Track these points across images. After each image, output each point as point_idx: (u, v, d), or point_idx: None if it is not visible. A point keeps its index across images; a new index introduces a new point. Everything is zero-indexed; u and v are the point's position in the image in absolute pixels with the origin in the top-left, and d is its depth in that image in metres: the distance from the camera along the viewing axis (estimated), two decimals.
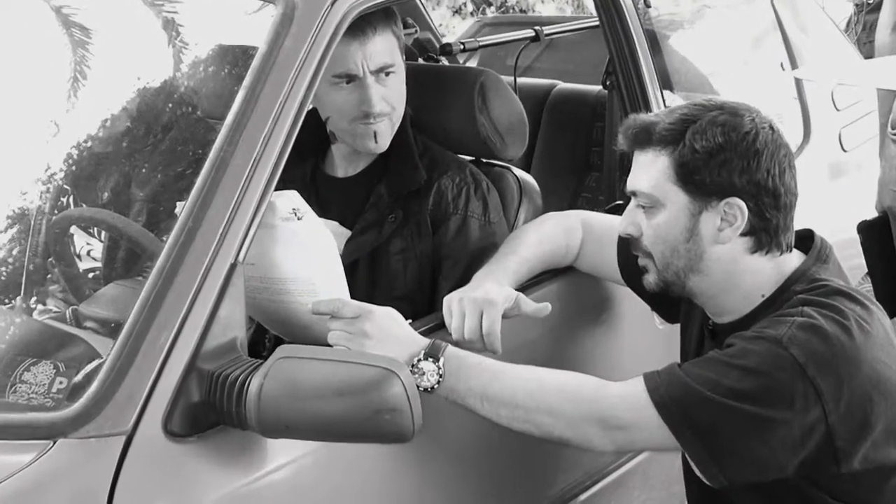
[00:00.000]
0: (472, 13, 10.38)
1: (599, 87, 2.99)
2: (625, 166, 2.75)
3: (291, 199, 1.79)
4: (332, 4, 1.84)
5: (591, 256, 2.20)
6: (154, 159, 2.23)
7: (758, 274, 1.86)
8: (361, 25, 2.09)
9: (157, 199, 2.18)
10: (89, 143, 2.35)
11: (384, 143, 2.21)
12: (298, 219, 1.78)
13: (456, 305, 1.92)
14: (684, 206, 1.83)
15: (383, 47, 2.15)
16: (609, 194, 2.96)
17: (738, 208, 1.81)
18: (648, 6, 2.59)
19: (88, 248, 2.24)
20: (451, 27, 9.69)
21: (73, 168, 2.33)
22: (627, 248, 2.10)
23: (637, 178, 1.88)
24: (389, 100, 2.18)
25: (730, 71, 3.08)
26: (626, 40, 2.49)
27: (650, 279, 1.92)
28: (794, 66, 3.21)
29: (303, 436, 1.56)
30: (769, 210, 1.82)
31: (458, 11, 10.66)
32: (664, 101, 2.51)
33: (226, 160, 1.68)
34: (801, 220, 1.90)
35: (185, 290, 1.59)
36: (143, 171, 2.29)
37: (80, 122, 2.40)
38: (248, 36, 2.11)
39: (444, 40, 3.76)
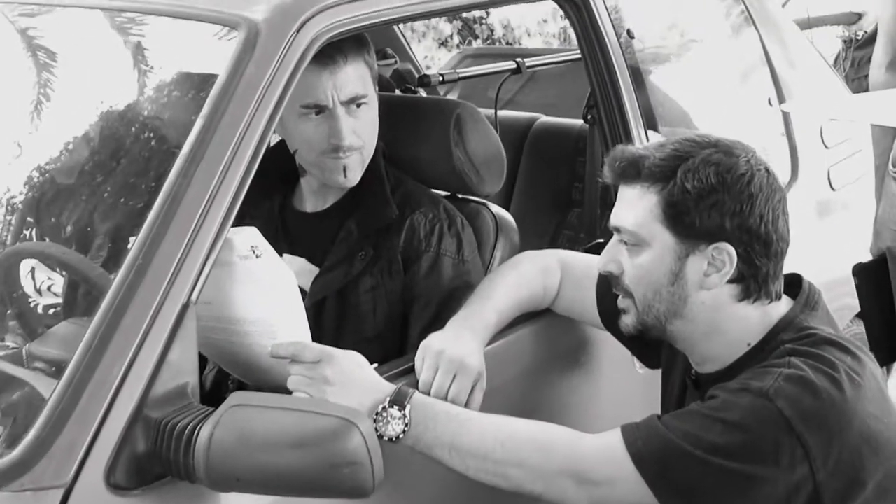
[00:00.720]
0: (458, 45, 10.35)
1: (582, 122, 2.92)
2: (608, 202, 2.70)
3: (250, 236, 1.72)
4: (298, 31, 1.78)
5: (569, 299, 2.12)
6: (114, 190, 2.14)
7: (744, 322, 1.78)
8: (332, 54, 2.03)
9: (116, 234, 2.09)
10: (52, 172, 2.26)
11: (354, 178, 2.13)
12: (257, 257, 1.71)
13: (431, 358, 1.84)
14: (670, 248, 1.75)
15: (354, 77, 2.08)
16: (590, 232, 2.89)
17: (727, 254, 1.73)
18: (632, 37, 2.53)
19: (49, 284, 2.15)
20: (437, 59, 9.65)
21: (35, 197, 2.25)
22: (608, 290, 2.03)
23: (622, 213, 1.79)
24: (360, 133, 2.10)
25: (716, 106, 3.01)
26: (609, 72, 2.42)
27: (628, 321, 1.84)
28: (781, 100, 3.15)
29: (255, 490, 1.48)
30: (759, 258, 1.74)
31: (444, 43, 10.63)
32: (647, 136, 2.44)
33: (180, 194, 1.61)
34: (788, 259, 1.82)
35: (133, 332, 1.52)
36: (106, 202, 2.21)
37: (42, 148, 2.31)
38: (214, 63, 2.03)
39: (430, 72, 3.69)
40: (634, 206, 1.76)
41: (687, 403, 1.87)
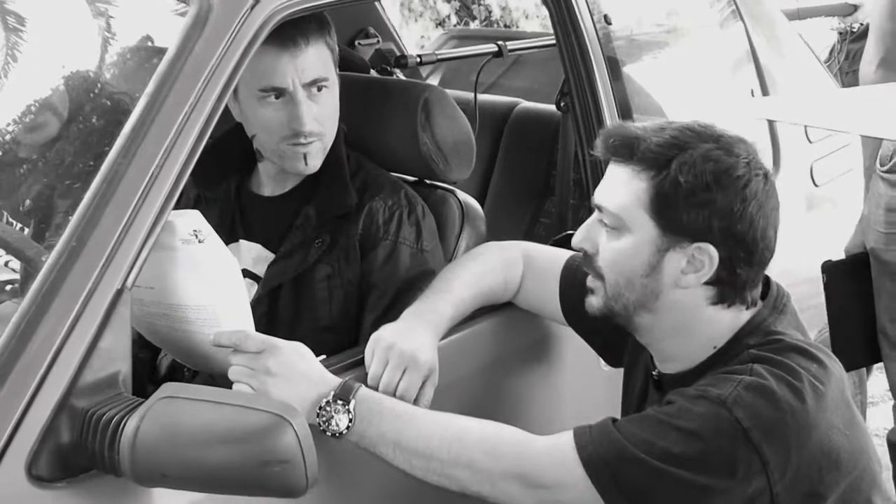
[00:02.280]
0: (455, 26, 10.26)
1: None
2: (584, 192, 2.64)
3: (192, 220, 1.66)
4: (252, 8, 1.71)
5: (531, 292, 2.06)
6: (60, 166, 2.08)
7: (713, 324, 1.72)
8: (293, 35, 1.97)
9: (64, 213, 2.04)
10: (8, 142, 2.20)
11: (315, 165, 2.08)
12: (200, 241, 1.65)
13: (381, 351, 1.78)
14: (651, 239, 1.68)
15: (316, 60, 2.02)
16: (560, 222, 2.83)
17: (709, 256, 1.66)
18: (609, 23, 2.46)
19: (7, 260, 2.10)
20: (434, 39, 9.55)
21: None
22: (571, 285, 1.97)
23: (606, 192, 1.72)
24: (321, 119, 2.05)
25: (696, 97, 2.95)
26: (583, 59, 2.36)
27: (594, 303, 1.77)
28: (765, 93, 3.09)
29: (182, 486, 1.43)
30: (741, 265, 1.68)
31: (441, 24, 10.54)
32: None
33: (119, 173, 1.55)
34: None
35: (63, 317, 1.46)
36: (54, 178, 2.15)
37: (3, 116, 2.25)
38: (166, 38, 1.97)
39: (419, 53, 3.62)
40: (621, 188, 1.70)
41: (648, 404, 1.82)
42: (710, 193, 1.63)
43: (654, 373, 1.83)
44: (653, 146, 1.67)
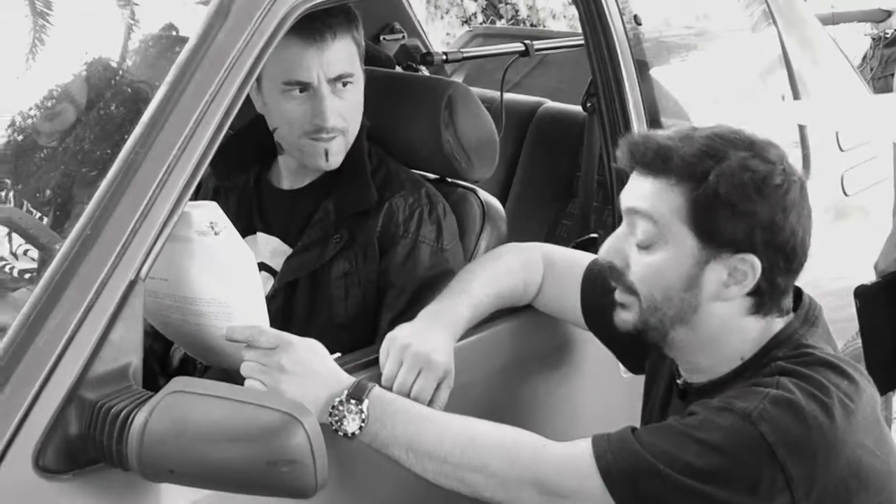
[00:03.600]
0: (482, 24, 10.25)
1: None
2: (608, 195, 2.62)
3: (209, 212, 1.65)
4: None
5: (551, 295, 2.04)
6: (80, 154, 2.08)
7: (744, 334, 1.69)
8: (320, 29, 1.96)
9: (74, 204, 2.04)
10: (29, 129, 2.20)
11: (336, 162, 2.07)
12: (216, 234, 1.63)
13: (396, 351, 1.77)
14: (690, 252, 1.64)
15: (342, 55, 2.01)
16: (583, 225, 2.81)
17: (751, 266, 1.63)
18: (639, 23, 2.44)
19: (26, 248, 2.09)
20: (459, 37, 9.54)
21: (13, 153, 2.19)
22: (593, 289, 1.95)
23: (640, 204, 1.67)
24: (345, 114, 2.04)
25: (726, 101, 2.92)
26: (611, 59, 2.34)
27: (627, 318, 1.73)
28: (796, 98, 3.06)
29: (189, 482, 1.42)
30: (781, 274, 1.65)
31: (467, 21, 10.53)
32: (648, 129, 2.36)
33: (136, 162, 1.54)
34: None
35: (74, 307, 1.45)
36: (73, 167, 2.15)
37: (20, 101, 2.25)
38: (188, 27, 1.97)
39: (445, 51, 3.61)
40: (656, 200, 1.65)
41: (670, 413, 1.79)
42: (751, 204, 1.60)
43: (678, 381, 1.80)
44: (687, 157, 1.63)
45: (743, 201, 1.60)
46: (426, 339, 1.78)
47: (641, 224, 1.67)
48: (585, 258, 2.03)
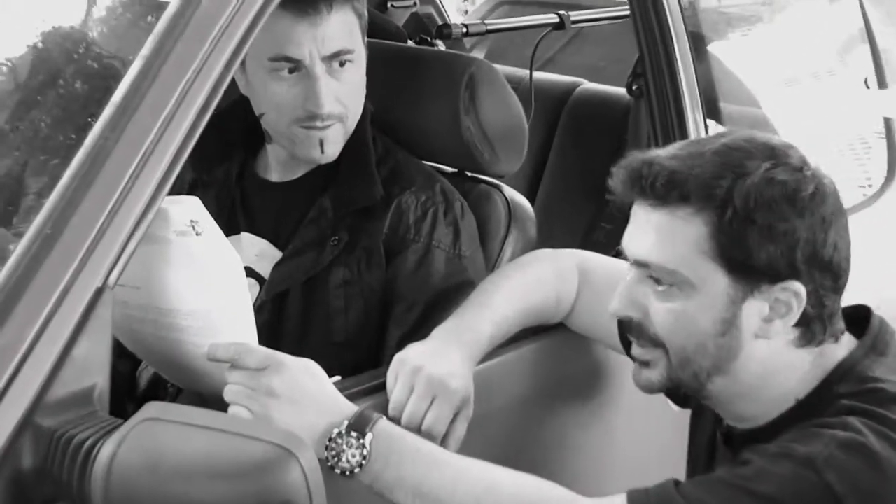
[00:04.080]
0: None
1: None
2: None
3: (190, 209, 1.67)
4: None
5: (586, 313, 2.05)
6: (35, 138, 2.10)
7: (794, 372, 1.70)
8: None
9: (39, 194, 2.05)
10: None
11: (333, 153, 2.10)
12: (197, 234, 1.66)
13: (406, 375, 1.78)
14: (723, 292, 1.64)
15: (340, 29, 2.03)
16: (625, 229, 2.81)
17: (794, 294, 1.63)
18: None
19: None
20: (478, 3, 9.58)
21: None
22: None
23: (651, 245, 1.68)
24: (343, 98, 2.06)
25: (797, 85, 2.94)
26: (662, 35, 2.36)
27: (653, 377, 1.75)
28: (882, 82, 3.08)
29: None
30: (828, 294, 1.65)
31: None
32: (704, 116, 2.38)
33: (105, 150, 1.54)
34: (870, 281, 1.74)
35: (31, 319, 1.45)
36: (28, 153, 2.16)
37: None
38: None
39: (460, 21, 3.63)
40: (672, 237, 1.66)
41: (717, 461, 1.82)
42: (787, 222, 1.60)
43: (722, 426, 1.82)
44: (702, 178, 1.62)
45: (778, 221, 1.60)
46: (441, 362, 1.79)
47: (660, 267, 1.68)
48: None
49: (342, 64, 2.03)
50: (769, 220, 1.60)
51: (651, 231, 1.68)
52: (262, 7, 1.69)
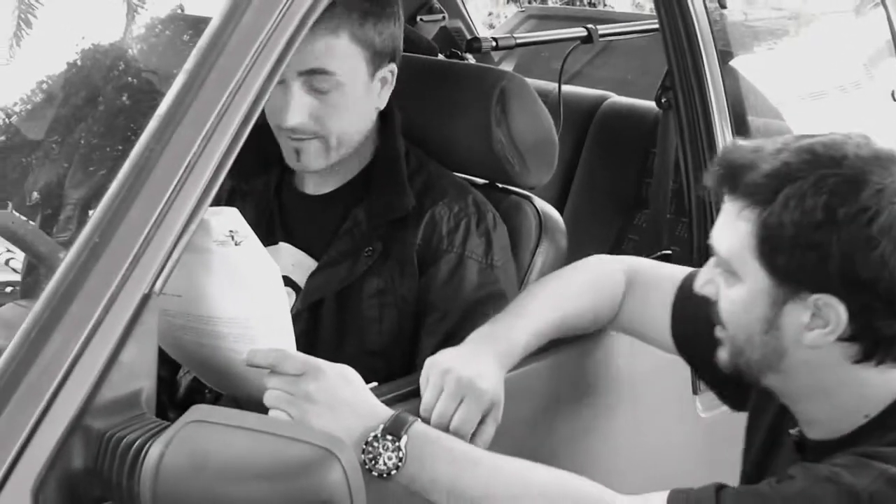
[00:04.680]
0: (529, 1, 10.31)
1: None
2: (682, 206, 2.68)
3: (229, 219, 1.71)
4: None
5: (632, 314, 2.07)
6: (81, 151, 2.16)
7: (860, 387, 1.69)
8: None
9: (83, 205, 2.10)
10: (17, 122, 2.28)
11: (311, 165, 2.13)
12: (236, 244, 1.70)
13: (437, 376, 1.81)
14: (765, 290, 1.66)
15: (322, 49, 2.03)
16: (654, 241, 2.86)
17: (833, 309, 1.61)
18: (724, 6, 2.51)
19: (8, 257, 2.17)
20: (504, 17, 9.63)
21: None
22: (685, 312, 1.99)
23: (717, 233, 1.72)
24: (322, 118, 2.07)
25: (824, 98, 2.97)
26: (691, 48, 2.40)
27: (721, 356, 1.79)
28: None
29: None
30: (881, 318, 1.61)
31: None
32: (732, 128, 2.42)
33: (151, 162, 1.59)
34: None
35: (81, 324, 1.50)
36: (74, 165, 2.22)
37: (8, 89, 2.33)
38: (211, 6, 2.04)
39: (486, 34, 3.68)
40: (728, 228, 1.69)
41: (777, 465, 1.82)
42: (820, 233, 1.58)
43: (792, 431, 1.82)
44: (759, 177, 1.63)
45: (810, 230, 1.58)
46: (471, 364, 1.82)
47: (719, 255, 1.72)
48: (679, 272, 2.06)
49: (321, 87, 2.04)
50: (801, 228, 1.59)
51: (720, 218, 1.72)
52: (301, 23, 1.73)
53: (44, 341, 1.49)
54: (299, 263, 2.18)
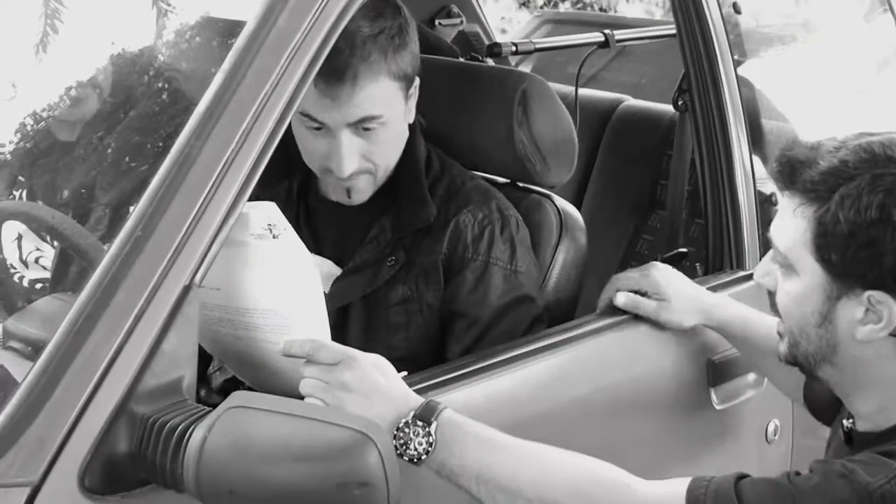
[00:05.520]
0: (541, 7, 10.37)
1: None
2: (696, 207, 2.71)
3: (267, 212, 1.74)
4: None
5: None
6: (119, 149, 2.19)
7: None
8: (339, 69, 1.97)
9: (118, 201, 2.14)
10: (50, 122, 2.31)
11: (361, 199, 2.16)
12: (274, 237, 1.73)
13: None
14: (820, 284, 1.70)
15: (366, 99, 2.03)
16: (671, 241, 2.89)
17: (887, 306, 1.66)
18: (738, 12, 2.55)
19: (38, 255, 2.20)
20: (516, 22, 9.68)
21: (29, 150, 2.30)
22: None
23: (776, 226, 1.77)
24: (371, 155, 2.10)
25: (835, 102, 3.01)
26: (707, 52, 2.44)
27: (781, 348, 1.83)
28: None
29: None
30: None
31: (524, 4, 10.66)
32: (747, 131, 2.46)
33: (191, 157, 1.63)
34: None
35: (125, 314, 1.54)
36: (108, 163, 2.25)
37: (42, 92, 2.36)
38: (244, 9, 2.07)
39: (505, 39, 3.71)
40: (786, 223, 1.73)
41: (828, 452, 1.89)
42: (874, 231, 1.62)
43: (845, 422, 1.86)
44: (815, 175, 1.67)
45: (865, 228, 1.62)
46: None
47: (777, 249, 1.76)
48: None
49: (370, 131, 2.06)
50: (856, 226, 1.63)
51: (780, 214, 1.76)
52: (333, 26, 1.76)
53: (89, 331, 1.53)
54: (326, 273, 2.18)
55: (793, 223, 1.71)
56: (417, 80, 2.16)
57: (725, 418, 2.16)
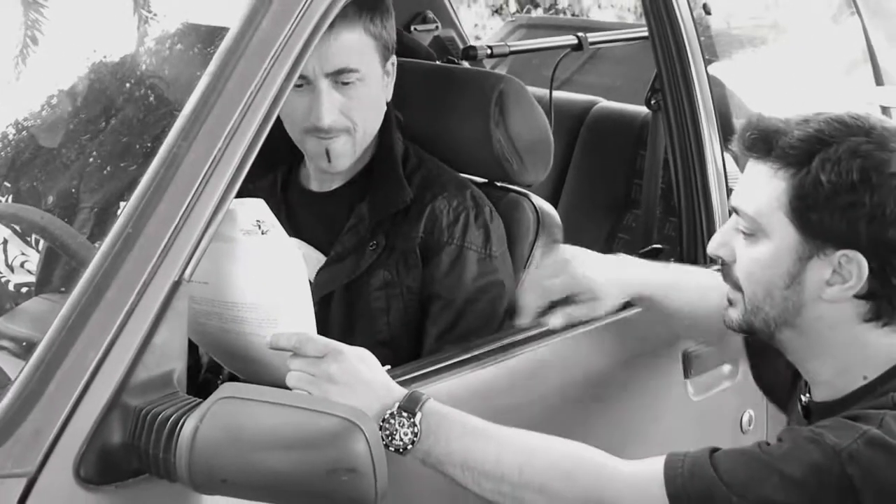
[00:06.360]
0: (514, 14, 10.41)
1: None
2: (670, 205, 2.76)
3: (256, 209, 1.77)
4: None
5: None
6: (105, 153, 2.22)
7: (863, 348, 1.78)
8: None
9: (105, 202, 2.17)
10: (32, 129, 2.34)
11: (341, 164, 2.20)
12: (262, 233, 1.76)
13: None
14: (792, 246, 1.76)
15: (343, 48, 2.11)
16: (646, 236, 2.94)
17: (857, 265, 1.72)
18: (708, 13, 2.60)
19: (22, 260, 2.23)
20: (489, 29, 9.73)
21: (11, 157, 2.33)
22: None
23: (743, 194, 1.81)
24: (349, 112, 2.15)
25: (804, 99, 3.05)
26: (678, 52, 2.48)
27: (733, 316, 1.87)
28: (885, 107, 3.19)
29: (242, 494, 1.54)
30: None
31: (497, 11, 10.70)
32: (718, 129, 2.50)
33: (179, 156, 1.66)
34: None
35: (116, 309, 1.57)
36: (94, 167, 2.28)
37: (23, 99, 2.39)
38: (225, 15, 2.10)
39: (478, 43, 3.75)
40: (758, 189, 1.77)
41: (788, 426, 1.91)
42: (855, 194, 1.68)
43: (802, 398, 1.90)
44: (794, 141, 1.73)
45: (846, 191, 1.69)
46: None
47: (744, 214, 1.80)
48: None
49: (346, 83, 2.12)
50: (837, 189, 1.69)
51: (746, 180, 1.81)
52: (315, 28, 1.80)
53: (82, 326, 1.56)
54: (308, 260, 2.23)
55: (767, 188, 1.76)
56: (394, 59, 2.22)
57: (701, 409, 2.20)
